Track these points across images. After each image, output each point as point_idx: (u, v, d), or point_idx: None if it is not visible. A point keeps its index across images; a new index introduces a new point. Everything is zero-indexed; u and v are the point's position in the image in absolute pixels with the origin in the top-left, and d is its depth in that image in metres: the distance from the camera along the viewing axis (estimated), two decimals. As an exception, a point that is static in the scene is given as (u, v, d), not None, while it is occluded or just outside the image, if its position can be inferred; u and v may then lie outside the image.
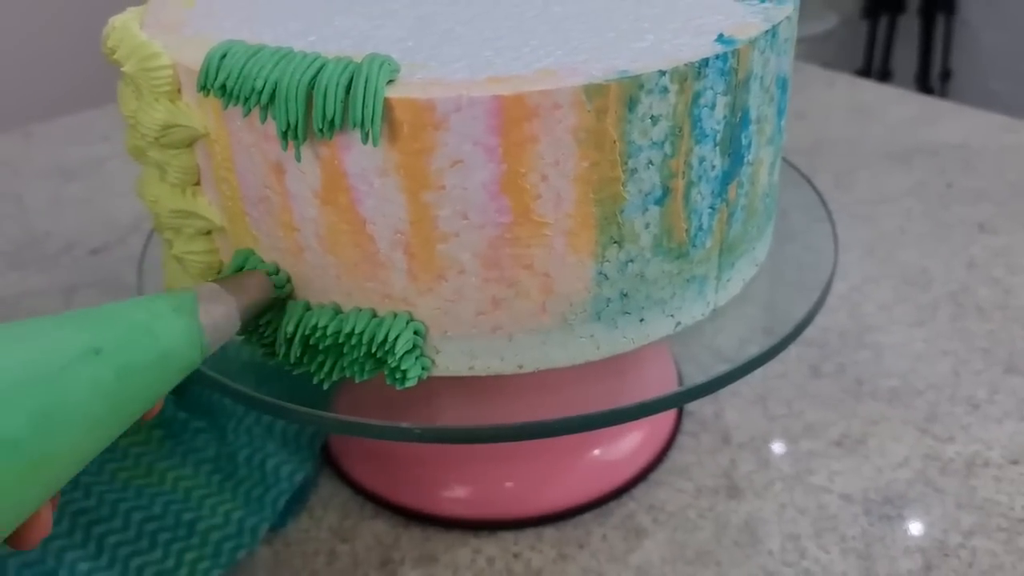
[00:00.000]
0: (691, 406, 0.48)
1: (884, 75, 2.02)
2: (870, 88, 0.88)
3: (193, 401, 0.46)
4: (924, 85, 1.96)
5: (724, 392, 0.49)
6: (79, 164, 0.78)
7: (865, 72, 2.02)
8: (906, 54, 2.02)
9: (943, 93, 2.00)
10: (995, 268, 0.57)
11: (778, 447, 0.45)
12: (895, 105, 0.82)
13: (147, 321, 0.26)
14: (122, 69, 0.32)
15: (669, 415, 0.47)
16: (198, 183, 0.34)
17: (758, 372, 0.49)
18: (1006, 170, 0.69)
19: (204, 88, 0.29)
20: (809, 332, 0.53)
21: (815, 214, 0.47)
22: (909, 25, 2.01)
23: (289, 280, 0.33)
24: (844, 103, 0.83)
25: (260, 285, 0.31)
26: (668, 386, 0.45)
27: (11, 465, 0.21)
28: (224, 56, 0.29)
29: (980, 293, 0.55)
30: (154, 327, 0.26)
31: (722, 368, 0.36)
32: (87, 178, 0.76)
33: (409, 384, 0.32)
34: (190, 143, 0.33)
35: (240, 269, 0.33)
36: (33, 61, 1.40)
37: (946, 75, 2.00)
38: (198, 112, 0.32)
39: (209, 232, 0.35)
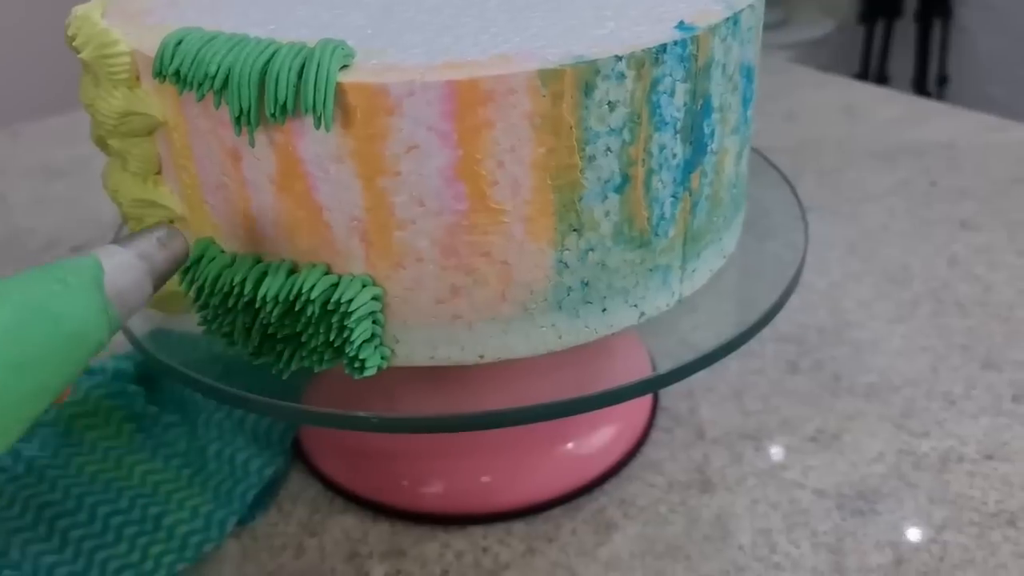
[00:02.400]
0: (666, 402, 0.48)
1: (881, 80, 2.02)
2: (859, 89, 0.88)
3: (164, 396, 0.46)
4: (921, 90, 1.96)
5: (700, 388, 0.48)
6: (65, 163, 0.78)
7: (862, 77, 2.02)
8: (903, 59, 2.02)
9: (940, 98, 1.99)
10: (976, 265, 0.57)
11: (752, 442, 0.45)
12: (883, 105, 0.82)
13: (45, 300, 0.22)
14: (80, 56, 0.32)
15: (644, 410, 0.46)
16: (159, 172, 0.34)
17: (734, 368, 0.50)
18: (990, 168, 0.69)
19: (159, 74, 0.29)
20: (788, 328, 0.53)
21: (796, 212, 0.47)
22: (906, 30, 2.01)
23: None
24: (833, 104, 0.83)
25: (171, 240, 0.27)
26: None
27: None
28: (180, 43, 0.29)
29: (960, 290, 0.55)
30: (53, 307, 0.22)
31: (689, 356, 0.36)
32: (72, 177, 0.76)
33: (368, 374, 0.32)
34: (149, 131, 0.32)
35: (202, 255, 0.33)
36: (20, 61, 1.40)
37: (943, 80, 2.00)
38: (156, 99, 0.31)
39: (171, 221, 0.34)
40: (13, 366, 0.21)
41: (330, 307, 0.30)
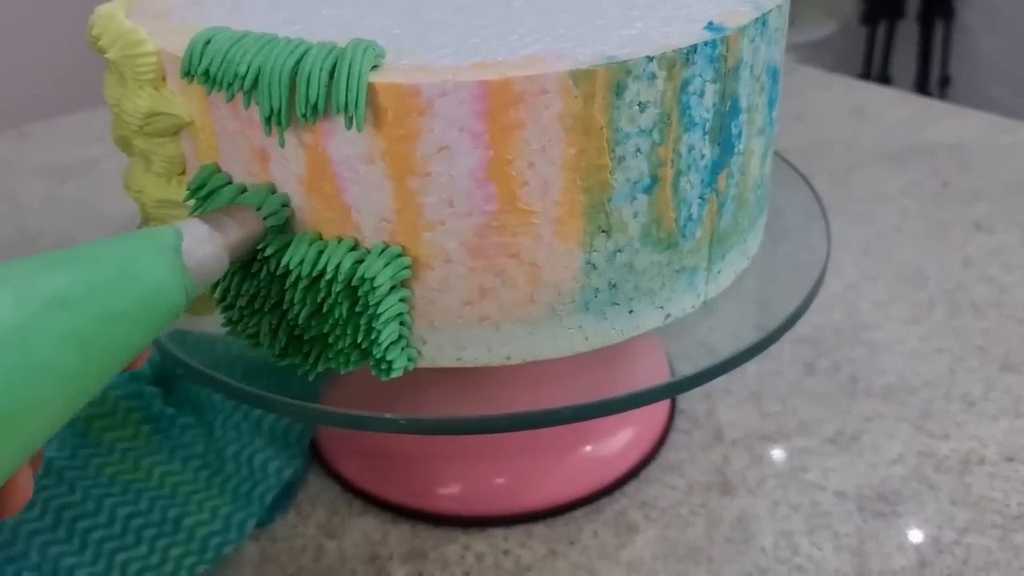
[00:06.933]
0: (684, 404, 0.47)
1: (883, 81, 2.02)
2: (867, 90, 0.88)
3: (181, 397, 0.46)
4: (923, 91, 1.96)
5: (717, 390, 0.48)
6: (74, 164, 0.78)
7: (864, 78, 2.02)
8: (905, 60, 2.01)
9: (943, 99, 1.99)
10: (991, 266, 0.57)
11: (771, 444, 0.45)
12: (892, 106, 0.82)
13: (125, 261, 0.23)
14: (106, 56, 0.32)
15: (662, 412, 0.46)
16: (183, 173, 0.34)
17: (752, 370, 0.50)
18: (1002, 169, 0.69)
19: (188, 74, 0.29)
20: (804, 330, 0.53)
21: (811, 212, 0.47)
22: (908, 31, 2.01)
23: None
24: (841, 105, 0.83)
25: (248, 219, 0.29)
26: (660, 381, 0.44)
27: None
28: (208, 42, 0.29)
29: (976, 291, 0.55)
30: (134, 268, 0.23)
31: (710, 361, 0.36)
32: (82, 178, 0.76)
33: (395, 375, 0.32)
34: (175, 132, 0.32)
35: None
36: (29, 62, 1.40)
37: (945, 81, 2.00)
38: (183, 99, 0.31)
39: (195, 222, 0.34)
40: (96, 319, 0.22)
41: (358, 308, 0.30)
